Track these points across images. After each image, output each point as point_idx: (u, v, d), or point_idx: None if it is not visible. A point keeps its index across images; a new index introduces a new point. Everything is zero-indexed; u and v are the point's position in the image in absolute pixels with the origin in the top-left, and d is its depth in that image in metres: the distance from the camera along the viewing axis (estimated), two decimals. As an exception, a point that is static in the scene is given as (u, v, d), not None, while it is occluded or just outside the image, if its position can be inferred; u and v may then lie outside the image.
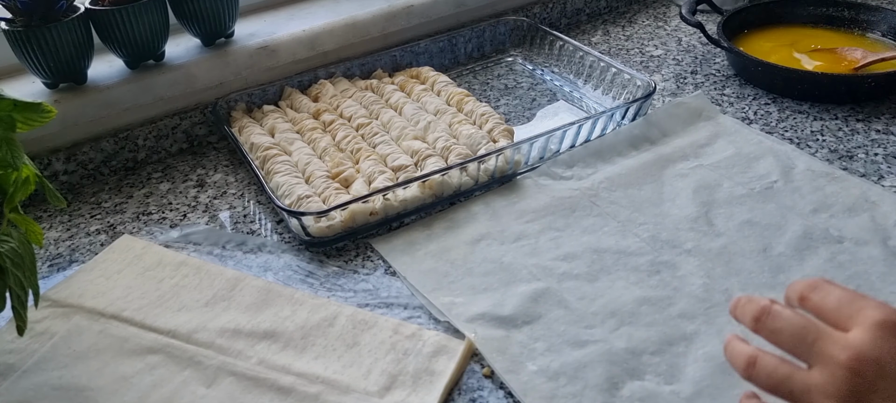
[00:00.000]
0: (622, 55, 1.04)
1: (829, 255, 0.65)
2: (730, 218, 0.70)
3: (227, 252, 0.70)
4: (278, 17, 0.96)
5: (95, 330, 0.60)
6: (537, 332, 0.59)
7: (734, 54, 0.94)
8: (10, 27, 0.74)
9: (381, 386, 0.54)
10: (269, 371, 0.56)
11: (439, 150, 0.78)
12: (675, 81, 0.96)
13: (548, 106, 0.93)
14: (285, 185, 0.73)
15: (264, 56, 0.89)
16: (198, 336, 0.59)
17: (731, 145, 0.80)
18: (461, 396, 0.54)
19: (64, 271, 0.69)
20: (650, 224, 0.70)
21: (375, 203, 0.70)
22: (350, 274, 0.66)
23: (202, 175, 0.83)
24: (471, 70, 1.01)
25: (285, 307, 0.62)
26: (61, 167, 0.80)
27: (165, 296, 0.64)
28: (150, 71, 0.84)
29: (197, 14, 0.84)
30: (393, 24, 0.97)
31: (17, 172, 0.54)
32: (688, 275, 0.64)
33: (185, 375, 0.56)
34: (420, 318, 0.61)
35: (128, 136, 0.83)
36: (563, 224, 0.70)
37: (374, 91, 0.91)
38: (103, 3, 0.79)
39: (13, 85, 0.82)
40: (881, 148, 0.80)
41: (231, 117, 0.87)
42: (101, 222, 0.76)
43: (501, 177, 0.76)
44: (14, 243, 0.52)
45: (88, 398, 0.54)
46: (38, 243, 0.58)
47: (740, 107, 0.90)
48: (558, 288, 0.63)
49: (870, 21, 1.01)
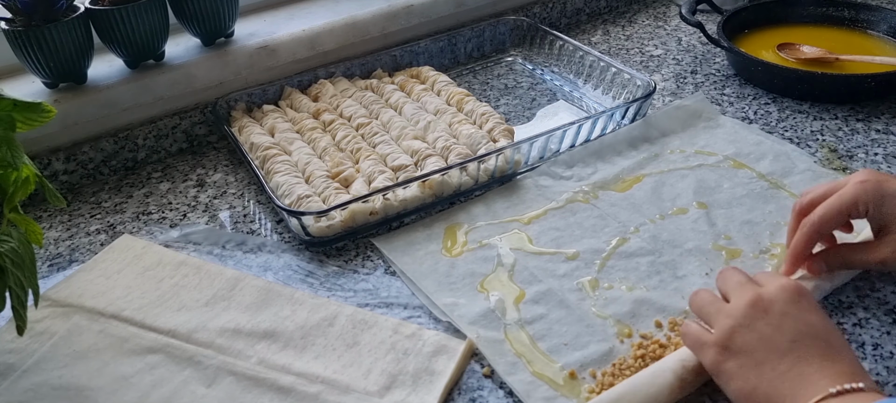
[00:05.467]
0: (622, 55, 1.04)
1: None
2: (730, 219, 0.70)
3: (227, 251, 0.70)
4: (278, 17, 0.96)
5: (95, 330, 0.60)
6: (539, 332, 0.59)
7: (734, 54, 0.94)
8: (10, 27, 0.74)
9: (380, 386, 0.54)
10: (269, 371, 0.56)
11: (439, 150, 0.78)
12: (675, 81, 0.96)
13: (548, 106, 0.93)
14: (285, 185, 0.73)
15: (264, 56, 0.89)
16: (198, 335, 0.59)
17: (732, 145, 0.80)
18: (461, 396, 0.54)
19: (64, 271, 0.69)
20: (651, 224, 0.70)
21: (375, 202, 0.70)
22: (350, 273, 0.66)
23: (202, 175, 0.83)
24: (471, 70, 1.01)
25: (285, 307, 0.62)
26: (61, 167, 0.80)
27: (165, 296, 0.64)
28: (150, 71, 0.84)
29: (197, 14, 0.84)
30: (393, 23, 0.97)
31: (17, 172, 0.54)
32: (689, 275, 0.64)
33: (185, 375, 0.56)
34: (420, 318, 0.61)
35: (128, 136, 0.83)
36: (564, 224, 0.70)
37: (374, 91, 0.91)
38: (103, 3, 0.79)
39: (13, 85, 0.82)
40: (881, 148, 0.80)
41: (231, 117, 0.87)
42: (101, 222, 0.76)
43: (501, 176, 0.76)
44: (14, 243, 0.52)
45: (88, 397, 0.54)
46: (38, 243, 0.58)
47: (740, 106, 0.90)
48: (559, 288, 0.63)
49: (870, 20, 1.01)
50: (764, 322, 0.49)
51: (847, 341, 0.50)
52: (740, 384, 0.48)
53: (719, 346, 0.50)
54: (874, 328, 0.58)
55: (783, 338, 0.48)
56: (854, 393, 0.44)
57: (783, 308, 0.49)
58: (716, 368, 0.50)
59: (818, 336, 0.48)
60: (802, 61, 0.95)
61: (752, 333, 0.49)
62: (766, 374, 0.47)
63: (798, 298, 0.50)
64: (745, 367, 0.48)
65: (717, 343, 0.50)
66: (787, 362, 0.47)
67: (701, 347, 0.51)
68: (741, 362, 0.48)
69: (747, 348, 0.48)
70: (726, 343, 0.49)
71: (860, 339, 0.57)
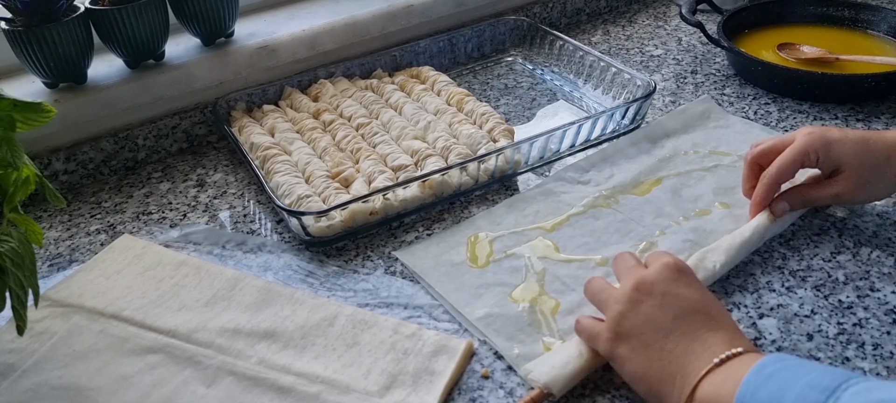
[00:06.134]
0: (622, 55, 1.04)
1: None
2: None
3: (227, 251, 0.70)
4: (278, 17, 0.96)
5: (95, 330, 0.60)
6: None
7: (734, 54, 0.94)
8: (10, 27, 0.74)
9: (380, 386, 0.54)
10: (269, 371, 0.56)
11: (439, 150, 0.78)
12: (675, 81, 0.96)
13: (548, 106, 0.93)
14: (285, 185, 0.73)
15: (264, 56, 0.89)
16: (198, 335, 0.59)
17: (745, 144, 0.80)
18: (461, 396, 0.54)
19: (64, 271, 0.69)
20: (676, 225, 0.69)
21: (375, 202, 0.70)
22: (350, 273, 0.66)
23: (202, 175, 0.83)
24: (471, 70, 1.01)
25: (285, 307, 0.62)
26: (61, 167, 0.80)
27: (165, 296, 0.64)
28: (150, 71, 0.84)
29: (197, 14, 0.84)
30: (393, 23, 0.97)
31: (17, 172, 0.54)
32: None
33: (185, 375, 0.56)
34: (420, 318, 0.61)
35: (128, 136, 0.83)
36: (589, 229, 0.70)
37: (374, 91, 0.91)
38: (103, 3, 0.79)
39: (13, 85, 0.82)
40: (881, 147, 0.80)
41: (231, 117, 0.87)
42: (101, 222, 0.76)
43: (501, 176, 0.76)
44: (14, 243, 0.52)
45: (88, 397, 0.54)
46: (38, 243, 0.58)
47: (740, 106, 0.90)
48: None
49: (870, 20, 1.01)
50: (648, 303, 0.51)
51: (724, 306, 0.53)
52: (633, 367, 0.50)
53: (610, 333, 0.51)
54: (874, 328, 0.58)
55: (666, 317, 0.50)
56: (736, 358, 0.47)
57: (664, 287, 0.51)
58: (610, 354, 0.51)
59: (698, 310, 0.50)
60: (802, 61, 0.95)
61: (639, 316, 0.51)
62: (655, 355, 0.49)
63: (677, 275, 0.52)
64: (635, 350, 0.50)
65: (608, 330, 0.52)
66: (673, 340, 0.49)
67: (595, 337, 0.53)
68: (632, 345, 0.50)
69: (635, 331, 0.50)
70: (617, 329, 0.51)
71: (860, 339, 0.57)
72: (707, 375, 0.46)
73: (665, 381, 0.48)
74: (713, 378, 0.46)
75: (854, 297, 0.61)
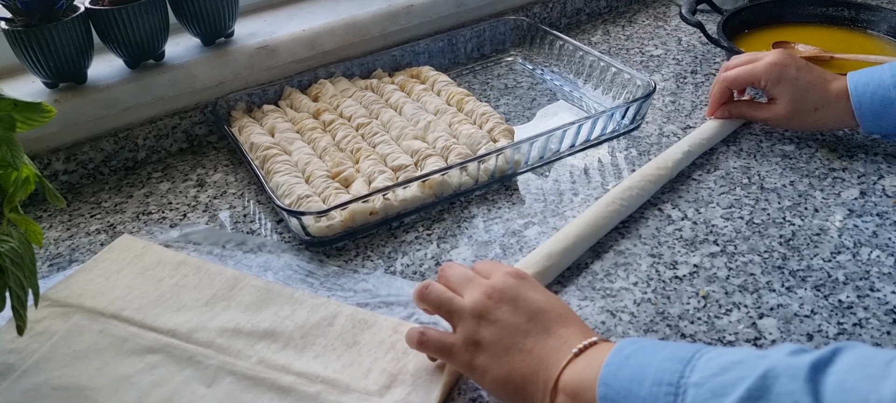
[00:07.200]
0: (622, 55, 1.04)
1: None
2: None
3: (227, 251, 0.70)
4: (278, 17, 0.96)
5: (95, 330, 0.60)
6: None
7: (734, 54, 0.94)
8: (10, 27, 0.74)
9: (380, 385, 0.54)
10: (269, 371, 0.56)
11: (439, 150, 0.78)
12: (675, 81, 0.96)
13: (548, 105, 0.93)
14: (285, 185, 0.73)
15: (264, 56, 0.89)
16: (197, 335, 0.59)
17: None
18: (461, 396, 0.54)
19: (64, 271, 0.69)
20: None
21: (375, 202, 0.70)
22: (350, 273, 0.66)
23: (202, 174, 0.83)
24: (471, 70, 1.01)
25: (285, 306, 0.62)
26: (61, 167, 0.80)
27: (165, 296, 0.64)
28: (150, 71, 0.84)
29: (197, 14, 0.84)
30: (393, 23, 0.97)
31: (17, 172, 0.54)
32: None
33: (185, 374, 0.56)
34: (420, 318, 0.61)
35: (128, 136, 0.83)
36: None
37: (374, 91, 0.91)
38: (103, 3, 0.79)
39: (13, 85, 0.82)
40: (881, 148, 0.80)
41: (231, 117, 0.87)
42: (101, 222, 0.76)
43: (501, 176, 0.76)
44: (14, 243, 0.52)
45: (88, 397, 0.54)
46: (38, 243, 0.58)
47: (740, 106, 0.90)
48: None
49: (870, 20, 1.01)
50: (501, 310, 0.52)
51: (568, 305, 0.55)
52: (495, 372, 0.50)
53: (467, 344, 0.52)
54: (874, 328, 0.58)
55: (522, 319, 0.51)
56: (593, 347, 0.49)
57: (513, 293, 0.53)
58: (469, 367, 0.52)
59: (548, 309, 0.52)
60: None
61: (496, 323, 0.51)
62: (517, 356, 0.50)
63: (522, 280, 0.54)
64: (496, 356, 0.51)
65: (465, 342, 0.52)
66: (531, 339, 0.50)
67: (448, 351, 0.53)
68: (491, 352, 0.51)
69: (494, 338, 0.51)
70: (475, 340, 0.51)
71: (860, 339, 0.57)
72: (568, 364, 0.48)
73: (529, 379, 0.49)
74: (574, 366, 0.48)
75: (854, 297, 0.61)
